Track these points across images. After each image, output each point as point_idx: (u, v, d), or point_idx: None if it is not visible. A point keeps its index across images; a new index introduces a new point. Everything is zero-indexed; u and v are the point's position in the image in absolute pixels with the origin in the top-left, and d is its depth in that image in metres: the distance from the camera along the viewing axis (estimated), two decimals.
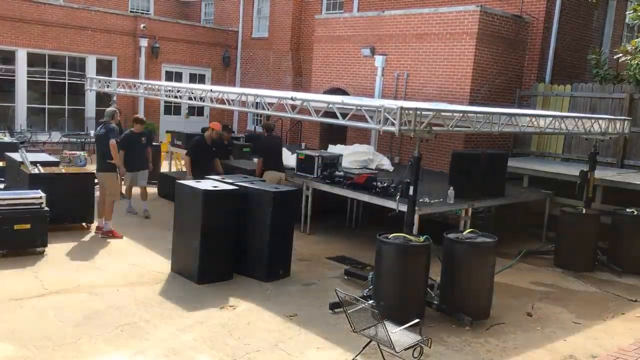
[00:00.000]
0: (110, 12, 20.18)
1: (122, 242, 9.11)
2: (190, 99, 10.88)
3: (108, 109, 10.18)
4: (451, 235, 6.97)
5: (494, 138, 12.86)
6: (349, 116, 7.25)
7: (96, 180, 9.83)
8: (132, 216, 10.89)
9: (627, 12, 12.67)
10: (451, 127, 6.96)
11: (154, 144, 12.45)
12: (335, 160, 10.83)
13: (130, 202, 11.20)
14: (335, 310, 6.68)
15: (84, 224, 9.71)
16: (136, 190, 11.16)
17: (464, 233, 7.02)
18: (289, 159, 11.47)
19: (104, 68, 19.79)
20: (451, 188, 8.82)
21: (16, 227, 7.90)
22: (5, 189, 9.00)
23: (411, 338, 5.20)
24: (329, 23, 16.31)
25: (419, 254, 6.57)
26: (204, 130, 11.99)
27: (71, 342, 5.65)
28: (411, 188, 6.85)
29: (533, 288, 8.38)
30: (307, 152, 11.22)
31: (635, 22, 11.97)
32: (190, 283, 7.42)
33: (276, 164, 10.11)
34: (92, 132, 16.49)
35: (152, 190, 13.17)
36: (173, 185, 7.87)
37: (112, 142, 9.39)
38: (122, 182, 10.93)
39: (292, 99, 8.18)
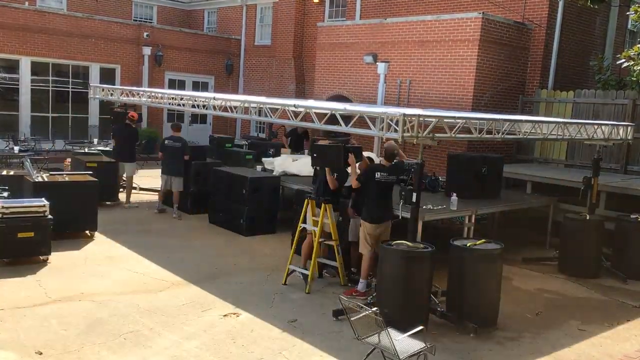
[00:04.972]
0: (113, 21, 20.29)
1: (125, 251, 9.11)
2: (193, 106, 10.93)
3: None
4: (457, 242, 6.96)
5: (497, 144, 12.85)
6: (351, 123, 7.25)
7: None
8: (135, 225, 10.91)
9: (628, 13, 12.67)
10: (454, 133, 6.95)
11: None
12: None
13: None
14: (339, 317, 6.67)
15: (87, 231, 9.72)
16: None
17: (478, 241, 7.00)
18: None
19: (107, 76, 19.88)
20: (454, 195, 8.81)
21: (20, 235, 7.91)
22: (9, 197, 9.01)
23: (415, 345, 5.17)
24: (331, 30, 16.37)
25: (422, 260, 6.56)
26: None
27: (74, 351, 5.64)
28: (414, 195, 6.84)
29: (538, 295, 8.35)
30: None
31: (637, 23, 11.97)
32: None
33: None
34: (95, 140, 16.54)
35: (155, 197, 13.20)
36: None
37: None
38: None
39: (294, 106, 8.20)
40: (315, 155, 7.99)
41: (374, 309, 5.36)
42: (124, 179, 12.74)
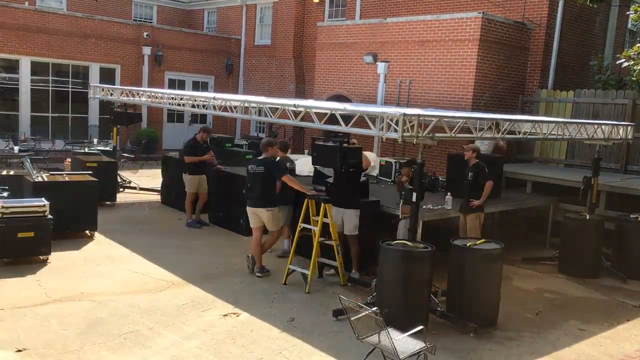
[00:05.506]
0: (113, 21, 20.30)
1: (125, 250, 9.11)
2: (193, 106, 10.92)
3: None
4: (457, 242, 6.95)
5: None
6: (351, 123, 7.25)
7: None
8: (135, 225, 10.91)
9: (627, 13, 12.67)
10: (454, 133, 6.95)
11: None
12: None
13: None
14: (339, 317, 6.67)
15: (87, 231, 9.72)
16: None
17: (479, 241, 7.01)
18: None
19: (107, 76, 19.88)
20: (449, 194, 8.82)
21: (19, 235, 7.91)
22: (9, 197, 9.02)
23: (415, 345, 5.17)
24: (331, 30, 16.36)
25: (422, 260, 6.56)
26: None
27: (74, 350, 5.64)
28: (414, 195, 6.84)
29: (538, 294, 8.35)
30: (387, 158, 11.60)
31: (637, 23, 11.97)
32: None
33: None
34: (95, 140, 16.54)
35: (155, 197, 13.22)
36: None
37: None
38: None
39: (294, 106, 8.20)
40: (315, 154, 8.04)
41: (374, 308, 5.36)
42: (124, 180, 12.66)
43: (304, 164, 11.24)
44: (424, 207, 8.15)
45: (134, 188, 13.84)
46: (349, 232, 8.10)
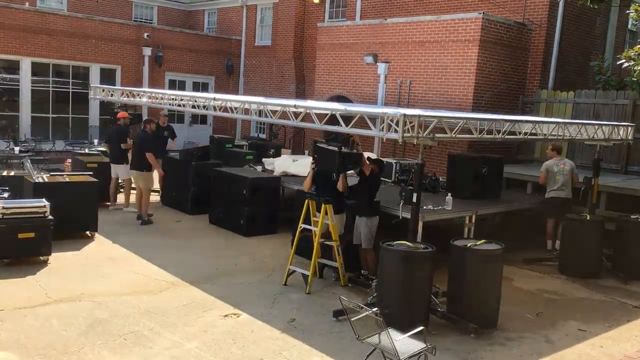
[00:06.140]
0: (114, 22, 20.31)
1: (125, 251, 9.11)
2: (193, 107, 10.93)
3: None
4: (458, 243, 6.95)
5: (498, 145, 12.84)
6: (351, 123, 7.26)
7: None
8: (135, 225, 10.92)
9: (628, 12, 12.67)
10: (454, 134, 6.96)
11: None
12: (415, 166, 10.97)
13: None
14: (339, 318, 6.67)
15: (87, 232, 9.73)
16: None
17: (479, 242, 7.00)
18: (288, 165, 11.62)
19: (107, 77, 19.89)
20: (449, 194, 8.82)
21: (20, 235, 7.92)
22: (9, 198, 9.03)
23: (415, 346, 5.17)
24: (331, 31, 16.37)
25: (422, 261, 6.56)
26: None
27: (75, 351, 5.65)
28: (414, 195, 6.84)
29: (538, 295, 8.35)
30: (387, 159, 11.59)
31: (637, 23, 11.97)
32: None
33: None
34: (95, 141, 16.54)
35: (155, 197, 13.20)
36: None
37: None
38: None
39: (295, 106, 8.20)
40: (315, 156, 8.06)
41: (375, 309, 5.36)
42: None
43: (304, 165, 11.25)
44: (424, 207, 8.15)
45: (134, 189, 13.82)
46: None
